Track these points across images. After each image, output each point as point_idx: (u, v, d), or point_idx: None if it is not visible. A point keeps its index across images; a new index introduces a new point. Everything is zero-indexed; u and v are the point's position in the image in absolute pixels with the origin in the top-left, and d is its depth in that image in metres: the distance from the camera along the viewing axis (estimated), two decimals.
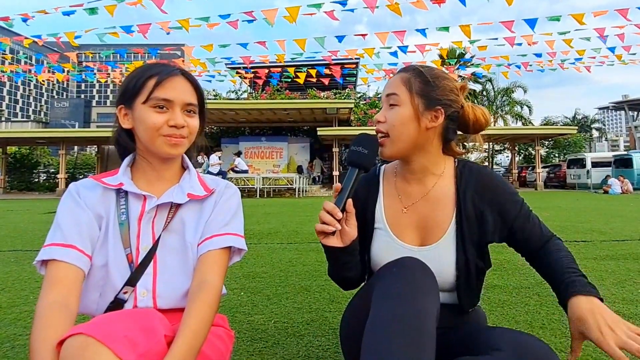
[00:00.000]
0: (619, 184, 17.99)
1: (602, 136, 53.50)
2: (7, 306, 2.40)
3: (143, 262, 1.06)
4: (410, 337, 0.87)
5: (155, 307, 1.05)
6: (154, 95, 1.07)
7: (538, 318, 2.14)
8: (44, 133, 24.01)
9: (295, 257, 3.81)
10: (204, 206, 1.16)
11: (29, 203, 14.14)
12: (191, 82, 1.13)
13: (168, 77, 1.08)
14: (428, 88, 1.19)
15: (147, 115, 1.07)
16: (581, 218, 7.08)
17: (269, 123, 23.52)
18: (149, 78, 1.08)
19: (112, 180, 1.11)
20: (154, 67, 1.11)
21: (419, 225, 1.24)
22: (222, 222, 1.13)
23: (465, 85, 1.28)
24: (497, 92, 33.51)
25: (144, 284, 1.06)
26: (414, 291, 0.94)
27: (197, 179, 1.19)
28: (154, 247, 1.08)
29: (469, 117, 1.24)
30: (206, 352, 0.99)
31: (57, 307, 0.91)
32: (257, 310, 2.29)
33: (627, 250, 3.97)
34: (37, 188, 25.26)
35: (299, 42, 12.06)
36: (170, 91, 1.08)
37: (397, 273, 0.99)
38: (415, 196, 1.27)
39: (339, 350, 1.74)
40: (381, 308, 0.94)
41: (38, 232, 5.80)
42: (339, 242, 1.16)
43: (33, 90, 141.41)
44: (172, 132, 1.09)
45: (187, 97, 1.11)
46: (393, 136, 1.19)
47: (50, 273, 0.98)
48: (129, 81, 1.10)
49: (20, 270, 3.38)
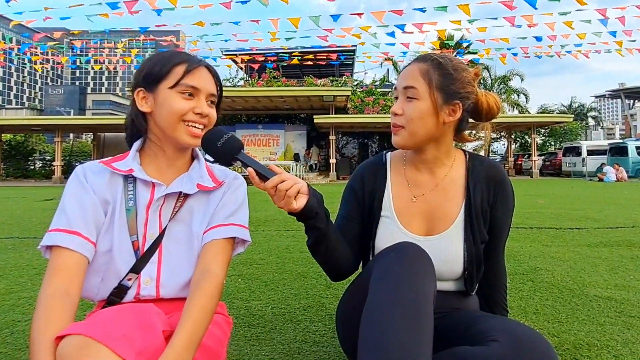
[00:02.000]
0: (614, 171, 18.08)
1: (598, 124, 53.55)
2: (6, 292, 2.41)
3: (149, 250, 1.07)
4: (409, 319, 0.88)
5: (158, 295, 1.06)
6: (183, 81, 1.07)
7: (531, 304, 2.17)
8: (39, 120, 23.88)
9: (292, 244, 3.84)
10: (211, 197, 1.16)
11: (26, 190, 14.09)
12: (213, 74, 1.15)
13: (197, 66, 1.10)
14: (447, 81, 1.16)
15: (174, 100, 1.07)
16: (575, 205, 7.13)
17: (265, 110, 23.42)
18: (177, 64, 1.08)
19: (121, 166, 1.10)
20: (181, 55, 1.12)
21: (427, 214, 1.24)
22: (228, 213, 1.14)
23: (479, 72, 1.24)
24: (494, 79, 33.43)
25: (148, 272, 1.06)
26: (412, 274, 0.95)
27: (206, 169, 1.19)
28: (160, 235, 1.09)
29: (482, 106, 1.22)
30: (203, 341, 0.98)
31: (58, 295, 0.92)
32: (255, 297, 2.31)
33: (620, 237, 4.01)
34: (33, 175, 25.18)
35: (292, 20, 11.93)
36: (199, 80, 1.09)
37: (395, 257, 1.00)
38: (425, 186, 1.26)
39: (335, 336, 1.76)
40: (379, 291, 0.95)
41: (35, 220, 5.80)
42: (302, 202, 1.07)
43: (27, 77, 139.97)
44: (196, 119, 1.09)
45: (211, 88, 1.12)
46: (410, 130, 1.17)
47: (53, 260, 0.98)
48: (153, 65, 1.10)
49: (17, 257, 3.38)
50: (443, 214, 1.22)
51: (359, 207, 1.30)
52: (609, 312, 2.03)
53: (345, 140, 25.60)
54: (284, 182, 1.02)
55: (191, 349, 0.90)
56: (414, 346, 0.86)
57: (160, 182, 1.11)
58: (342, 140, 25.42)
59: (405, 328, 0.87)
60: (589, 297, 2.26)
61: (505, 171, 1.27)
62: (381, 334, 0.87)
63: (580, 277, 2.64)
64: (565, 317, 1.98)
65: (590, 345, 1.66)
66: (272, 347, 1.67)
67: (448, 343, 1.02)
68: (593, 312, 2.03)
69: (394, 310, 0.90)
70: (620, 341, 1.70)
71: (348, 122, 20.97)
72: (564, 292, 2.36)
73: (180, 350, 0.87)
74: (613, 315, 1.99)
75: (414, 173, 1.28)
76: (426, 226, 1.24)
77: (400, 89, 1.20)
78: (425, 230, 1.23)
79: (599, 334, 1.77)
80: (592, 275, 2.68)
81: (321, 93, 19.67)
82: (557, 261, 3.08)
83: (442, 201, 1.24)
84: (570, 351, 1.62)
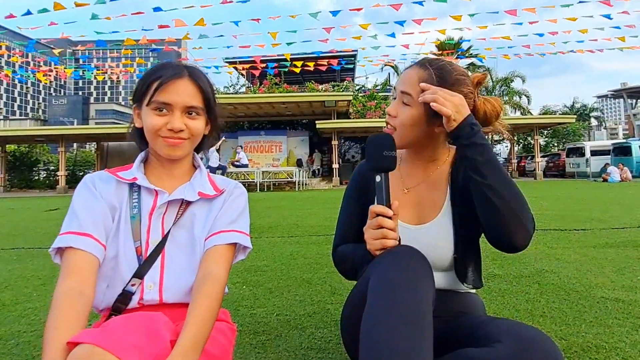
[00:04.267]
0: (618, 172, 18.00)
1: (601, 124, 53.44)
2: (11, 303, 2.41)
3: (151, 255, 1.09)
4: (407, 324, 0.88)
5: (161, 300, 1.08)
6: (154, 98, 1.09)
7: (538, 306, 2.16)
8: (42, 130, 23.94)
9: (296, 250, 3.83)
10: (212, 204, 1.19)
11: (30, 201, 14.15)
12: (196, 84, 1.14)
13: (170, 80, 1.09)
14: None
15: (148, 117, 1.10)
16: (580, 206, 7.10)
17: (267, 117, 23.47)
18: (153, 81, 1.10)
19: (126, 175, 1.14)
20: (160, 70, 1.13)
21: (417, 205, 1.27)
22: (229, 220, 1.16)
23: (483, 79, 1.23)
24: (495, 82, 33.43)
25: (151, 277, 1.08)
26: (410, 279, 0.95)
27: (208, 179, 1.23)
28: (163, 240, 1.11)
29: (479, 113, 1.23)
30: (208, 348, 0.99)
31: (73, 294, 0.94)
32: (259, 304, 2.31)
33: (626, 238, 3.99)
34: (38, 186, 25.27)
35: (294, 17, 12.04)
36: (171, 95, 1.09)
37: (392, 262, 0.99)
38: (417, 179, 1.30)
39: (341, 342, 1.76)
40: (377, 297, 0.95)
41: (40, 230, 5.81)
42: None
43: (30, 88, 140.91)
44: (169, 134, 1.11)
45: (188, 100, 1.11)
46: (401, 133, 1.20)
47: (66, 261, 1.00)
48: (139, 82, 1.14)
49: (22, 267, 3.39)
50: (432, 203, 1.26)
51: (359, 205, 1.34)
52: (616, 314, 2.01)
53: (348, 145, 25.63)
54: (387, 219, 1.03)
55: (197, 349, 0.91)
56: (413, 351, 0.85)
57: (163, 189, 1.14)
58: (345, 145, 25.45)
59: (404, 333, 0.86)
60: (596, 298, 2.24)
61: None
62: (379, 340, 0.87)
63: (586, 278, 2.63)
64: (572, 319, 1.97)
65: (598, 347, 1.65)
66: (278, 355, 1.66)
67: (453, 347, 1.01)
68: (600, 314, 2.02)
69: (391, 316, 0.89)
70: (629, 343, 1.68)
71: (350, 127, 20.98)
72: (571, 294, 2.34)
73: (187, 350, 0.88)
74: (621, 317, 1.97)
75: (408, 167, 1.34)
76: (417, 216, 1.27)
77: (398, 91, 1.23)
78: (416, 219, 1.26)
79: (607, 336, 1.75)
80: (599, 277, 2.66)
81: (323, 98, 19.70)
82: (563, 263, 3.07)
83: (431, 191, 1.27)
84: (578, 354, 1.60)
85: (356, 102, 23.13)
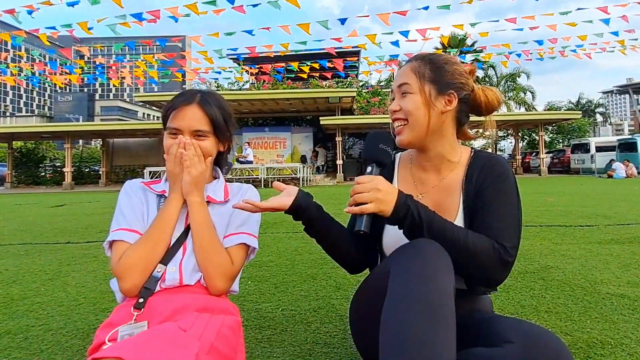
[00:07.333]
0: (624, 168, 17.90)
1: (606, 120, 53.07)
2: (19, 298, 2.44)
3: (174, 246, 1.26)
4: (430, 316, 0.88)
5: (181, 280, 1.23)
6: (168, 125, 1.31)
7: (543, 302, 2.16)
8: (49, 127, 24.05)
9: (301, 245, 3.84)
10: (224, 208, 1.38)
11: (37, 197, 14.24)
12: (203, 109, 1.30)
13: (180, 107, 1.29)
14: (438, 74, 1.23)
15: (165, 140, 1.32)
16: (585, 203, 7.07)
17: (272, 113, 23.48)
18: (169, 108, 1.31)
19: (157, 187, 1.37)
20: (176, 98, 1.33)
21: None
22: (239, 222, 1.35)
23: (474, 69, 1.31)
24: (500, 78, 33.25)
25: (174, 262, 1.25)
26: (433, 270, 0.95)
27: (223, 187, 1.41)
28: (184, 232, 1.29)
29: (480, 99, 1.27)
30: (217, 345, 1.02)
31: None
32: (265, 299, 2.32)
33: (631, 234, 3.97)
34: (44, 182, 25.40)
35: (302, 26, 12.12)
36: (179, 121, 1.28)
37: (413, 254, 1.00)
38: (430, 183, 1.30)
39: (346, 337, 1.77)
40: (399, 287, 0.95)
41: (47, 226, 5.84)
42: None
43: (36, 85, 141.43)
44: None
45: (195, 125, 1.29)
46: (412, 121, 1.22)
47: (117, 252, 1.21)
48: (163, 110, 1.36)
49: (30, 262, 3.42)
50: (446, 209, 1.24)
51: None
52: (622, 310, 2.01)
53: (352, 142, 25.58)
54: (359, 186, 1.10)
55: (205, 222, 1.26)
56: (436, 343, 0.86)
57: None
58: (349, 141, 25.41)
59: (426, 324, 0.87)
60: (601, 294, 2.24)
61: (504, 160, 1.27)
62: (402, 330, 0.88)
63: (591, 274, 2.62)
64: (577, 315, 1.97)
65: (603, 343, 1.65)
66: (284, 349, 1.67)
67: (462, 345, 1.01)
68: (606, 310, 2.02)
69: (415, 307, 0.90)
70: (634, 339, 1.68)
71: (354, 123, 20.97)
72: (576, 290, 2.34)
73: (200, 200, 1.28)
74: (626, 313, 1.97)
75: (420, 171, 1.33)
76: None
77: (395, 88, 1.27)
78: None
79: (612, 332, 1.75)
80: (604, 273, 2.65)
81: (327, 94, 19.69)
82: (568, 259, 3.06)
83: (444, 197, 1.26)
84: (583, 349, 1.60)
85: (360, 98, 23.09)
